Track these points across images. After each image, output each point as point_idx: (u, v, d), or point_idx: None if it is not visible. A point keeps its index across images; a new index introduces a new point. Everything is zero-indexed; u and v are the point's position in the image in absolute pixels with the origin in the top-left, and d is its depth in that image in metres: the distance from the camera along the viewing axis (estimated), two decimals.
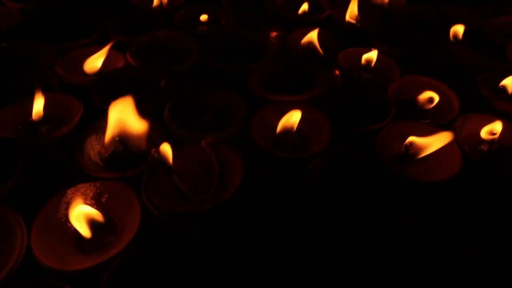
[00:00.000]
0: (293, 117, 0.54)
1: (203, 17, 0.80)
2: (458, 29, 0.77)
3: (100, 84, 0.61)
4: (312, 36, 0.72)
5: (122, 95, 0.61)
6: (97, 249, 0.44)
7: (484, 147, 0.58)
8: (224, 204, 0.45)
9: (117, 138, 0.54)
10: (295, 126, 0.55)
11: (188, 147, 0.52)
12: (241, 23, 0.81)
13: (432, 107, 0.64)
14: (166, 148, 0.49)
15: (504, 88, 0.63)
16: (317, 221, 0.48)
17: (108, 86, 0.63)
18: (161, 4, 0.84)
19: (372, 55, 0.68)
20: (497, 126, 0.56)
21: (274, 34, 0.82)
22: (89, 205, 0.45)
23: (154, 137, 0.55)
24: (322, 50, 0.72)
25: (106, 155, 0.54)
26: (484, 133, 0.58)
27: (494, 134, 0.57)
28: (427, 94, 0.62)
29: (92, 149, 0.55)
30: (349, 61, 0.70)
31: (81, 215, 0.44)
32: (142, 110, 0.58)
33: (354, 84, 0.65)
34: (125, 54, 0.68)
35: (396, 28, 0.81)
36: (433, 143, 0.52)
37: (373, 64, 0.69)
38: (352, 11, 0.81)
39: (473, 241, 0.50)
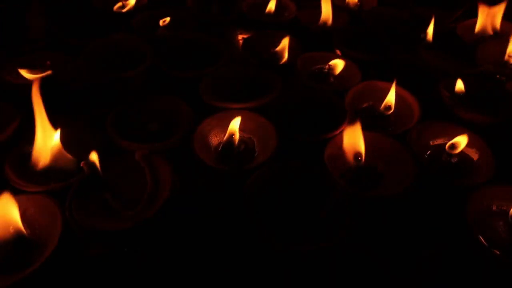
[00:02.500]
0: (234, 126, 0.52)
1: (164, 20, 0.77)
2: (429, 32, 0.73)
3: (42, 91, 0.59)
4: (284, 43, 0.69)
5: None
6: (14, 267, 0.42)
7: (443, 157, 0.55)
8: (148, 222, 0.42)
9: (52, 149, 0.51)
10: (237, 135, 0.52)
11: (122, 158, 0.49)
12: (205, 25, 0.78)
13: (393, 114, 0.61)
14: (96, 161, 0.46)
15: (461, 94, 0.60)
16: (252, 243, 0.44)
17: (53, 92, 0.61)
18: (123, 6, 0.82)
19: (337, 62, 0.65)
20: (459, 138, 0.53)
21: (239, 37, 0.79)
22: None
23: (93, 148, 0.53)
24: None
25: (42, 166, 0.52)
26: (443, 143, 0.55)
27: (454, 146, 0.54)
28: (384, 101, 0.59)
29: (28, 159, 0.52)
30: (309, 65, 0.67)
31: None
32: (84, 118, 0.57)
33: (309, 90, 0.62)
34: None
35: (365, 30, 0.77)
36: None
37: (337, 71, 0.66)
38: (326, 14, 0.78)
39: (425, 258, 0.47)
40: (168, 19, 0.76)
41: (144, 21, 0.78)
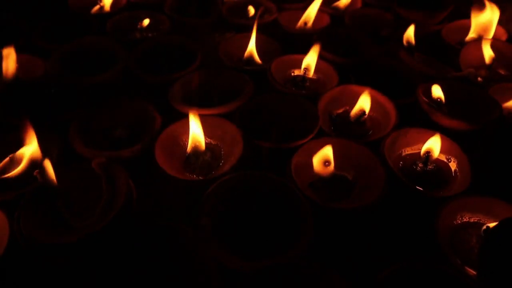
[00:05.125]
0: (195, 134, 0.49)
1: (142, 23, 0.75)
2: (410, 35, 0.71)
3: (6, 96, 0.57)
4: (251, 48, 0.67)
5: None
6: None
7: (418, 167, 0.52)
8: (99, 234, 0.40)
9: (9, 156, 0.50)
10: (202, 142, 0.50)
11: (80, 166, 0.48)
12: (182, 28, 0.76)
13: (369, 121, 0.59)
14: (50, 169, 0.44)
15: (440, 100, 0.57)
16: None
17: (20, 97, 0.59)
18: (101, 8, 0.80)
19: (309, 61, 0.63)
20: (433, 142, 0.51)
21: (217, 39, 0.77)
22: None
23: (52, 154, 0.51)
24: (260, 57, 0.67)
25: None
26: (418, 152, 0.53)
27: (428, 152, 0.52)
28: (358, 106, 0.57)
29: None
30: (284, 69, 0.65)
31: None
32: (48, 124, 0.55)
33: (282, 95, 0.59)
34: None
35: (346, 32, 0.75)
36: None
37: (311, 73, 0.64)
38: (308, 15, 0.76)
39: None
40: (146, 21, 0.75)
41: (121, 23, 0.76)
